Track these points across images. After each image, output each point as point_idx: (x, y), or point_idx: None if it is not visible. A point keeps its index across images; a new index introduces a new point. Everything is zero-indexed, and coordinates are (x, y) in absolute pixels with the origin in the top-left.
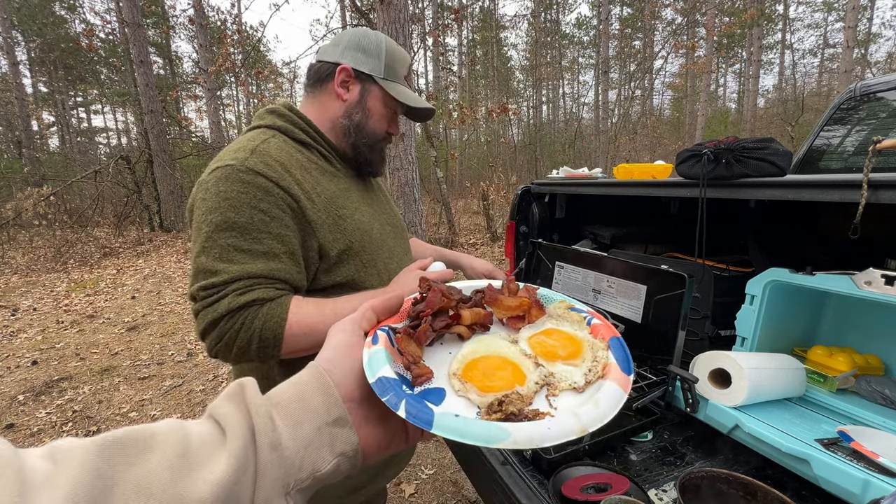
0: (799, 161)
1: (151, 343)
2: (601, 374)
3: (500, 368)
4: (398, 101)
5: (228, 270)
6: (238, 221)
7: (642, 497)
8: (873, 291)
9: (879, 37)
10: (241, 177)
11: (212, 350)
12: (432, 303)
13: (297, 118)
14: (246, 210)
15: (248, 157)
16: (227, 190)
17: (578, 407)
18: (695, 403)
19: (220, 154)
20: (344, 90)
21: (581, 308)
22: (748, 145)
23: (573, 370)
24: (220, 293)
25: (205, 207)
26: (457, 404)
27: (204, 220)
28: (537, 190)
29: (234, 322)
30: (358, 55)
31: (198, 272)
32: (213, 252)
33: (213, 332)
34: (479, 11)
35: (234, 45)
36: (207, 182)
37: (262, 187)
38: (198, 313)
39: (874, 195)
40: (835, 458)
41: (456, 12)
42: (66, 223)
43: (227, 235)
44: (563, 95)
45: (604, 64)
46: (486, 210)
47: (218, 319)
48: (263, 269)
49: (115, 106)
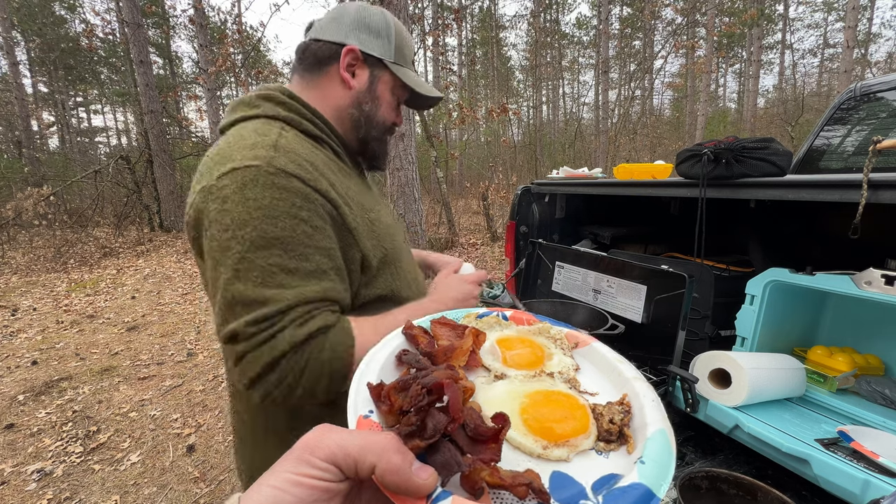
0: (799, 161)
1: (151, 343)
2: (574, 344)
3: (549, 406)
4: (408, 88)
5: (282, 297)
6: (279, 235)
7: None
8: (873, 291)
9: (879, 37)
10: (273, 180)
11: (268, 397)
12: (456, 403)
13: (302, 107)
14: (286, 220)
15: (273, 154)
16: (259, 197)
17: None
18: (695, 403)
19: (221, 152)
20: (350, 75)
21: (485, 311)
22: (748, 145)
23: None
24: (277, 326)
25: (228, 220)
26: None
27: (232, 236)
28: (537, 190)
29: (300, 358)
30: (365, 36)
31: (234, 303)
32: (253, 276)
33: (273, 376)
34: (479, 11)
35: (234, 45)
36: (224, 188)
37: (300, 192)
38: (244, 355)
39: (874, 195)
40: (835, 458)
41: (456, 12)
42: (66, 223)
43: (267, 254)
44: (563, 95)
45: (604, 64)
46: (486, 210)
47: (279, 358)
48: (318, 292)
49: (115, 106)
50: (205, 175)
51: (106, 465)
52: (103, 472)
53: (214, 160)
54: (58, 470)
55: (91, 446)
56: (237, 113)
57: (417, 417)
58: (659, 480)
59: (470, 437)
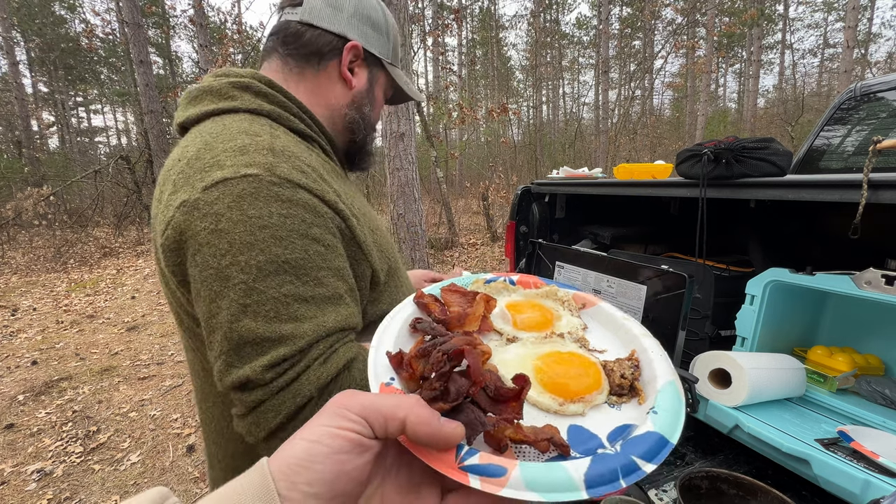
0: (799, 161)
1: (151, 343)
2: (581, 305)
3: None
4: (397, 92)
5: (300, 332)
6: (290, 259)
7: (642, 497)
8: (873, 291)
9: (879, 37)
10: (278, 192)
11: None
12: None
13: (287, 100)
14: (297, 241)
15: (273, 160)
16: (263, 214)
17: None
18: (695, 403)
19: (200, 155)
20: (351, 74)
21: (493, 277)
22: (748, 145)
23: (568, 319)
24: (298, 367)
25: (226, 244)
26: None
27: (232, 262)
28: (537, 190)
29: (324, 400)
30: (368, 30)
31: (244, 344)
32: (265, 310)
33: (296, 424)
34: (479, 11)
35: (234, 45)
36: (216, 203)
37: (309, 205)
38: (261, 404)
39: (874, 195)
40: (835, 458)
41: (456, 12)
42: (66, 223)
43: (279, 281)
44: (563, 95)
45: (604, 64)
46: (486, 210)
47: (304, 405)
48: (338, 321)
49: (115, 106)
50: (182, 186)
51: (106, 465)
52: (103, 472)
53: (194, 166)
54: (58, 470)
55: (91, 446)
56: (203, 105)
57: (440, 383)
58: (672, 428)
59: (491, 398)
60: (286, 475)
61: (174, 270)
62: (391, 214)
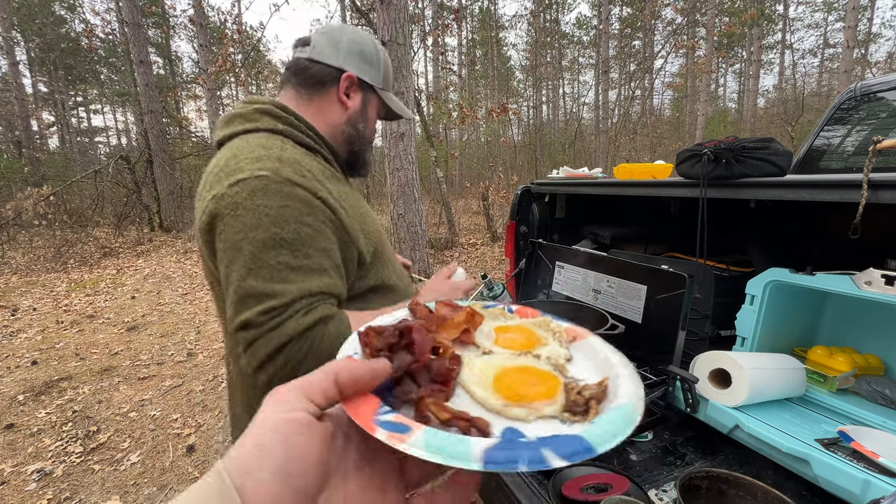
0: (799, 161)
1: (151, 343)
2: (572, 339)
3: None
4: (391, 110)
5: (287, 291)
6: (285, 238)
7: (642, 497)
8: (873, 291)
9: (879, 37)
10: (281, 189)
11: (272, 377)
12: (422, 346)
13: (297, 120)
14: (292, 225)
15: (278, 166)
16: (268, 204)
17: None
18: (695, 403)
19: (229, 163)
20: (347, 98)
21: (491, 304)
22: (748, 145)
23: (552, 347)
24: (285, 315)
25: (240, 224)
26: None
27: (244, 237)
28: (537, 190)
29: (303, 344)
30: (361, 65)
31: (247, 297)
32: (264, 273)
33: (279, 359)
34: (479, 11)
35: (234, 45)
36: (234, 195)
37: (304, 200)
38: (255, 340)
39: (874, 195)
40: (835, 458)
41: (456, 12)
42: (66, 223)
43: (276, 254)
44: (563, 95)
45: (604, 64)
46: (486, 210)
47: (285, 343)
48: (319, 286)
49: (115, 106)
50: (215, 185)
51: (106, 465)
52: (103, 472)
53: (224, 171)
54: (58, 470)
55: (91, 446)
56: (234, 126)
57: (389, 355)
58: (601, 439)
59: (432, 378)
60: (240, 469)
61: (209, 246)
62: (391, 214)
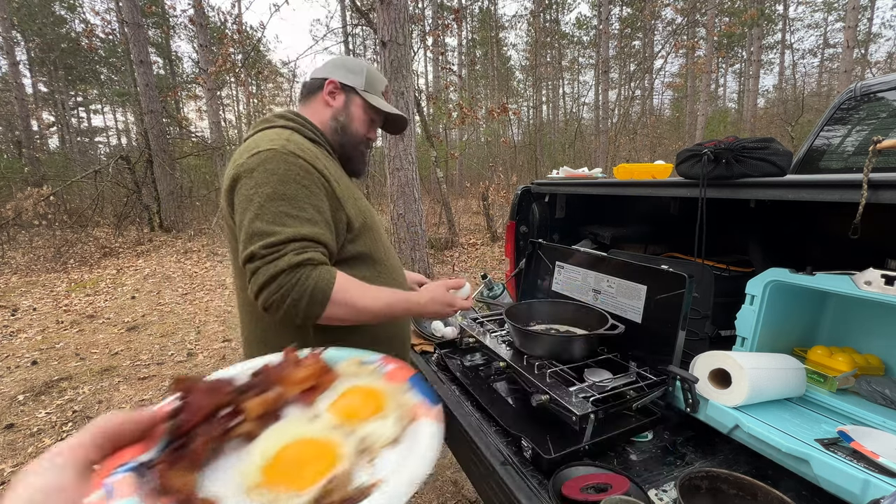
0: (799, 161)
1: (151, 343)
2: (412, 417)
3: (310, 455)
4: (375, 108)
5: (284, 232)
6: (286, 193)
7: (642, 497)
8: (873, 291)
9: (879, 37)
10: (286, 158)
11: (266, 302)
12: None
13: (304, 121)
14: (292, 184)
15: (285, 143)
16: (275, 168)
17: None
18: (695, 403)
19: (249, 145)
20: (331, 98)
21: (371, 358)
22: (748, 145)
23: (384, 424)
24: (281, 251)
25: (253, 182)
26: None
27: (255, 192)
28: (537, 190)
29: (292, 277)
30: (343, 72)
31: (253, 235)
32: (267, 217)
33: (273, 285)
34: (479, 11)
35: (234, 45)
36: (251, 162)
37: (303, 167)
38: (257, 270)
39: (874, 195)
40: (835, 458)
41: (456, 12)
42: (66, 223)
43: (277, 204)
44: (563, 95)
45: (604, 64)
46: (486, 210)
47: (278, 273)
48: (310, 233)
49: (115, 106)
50: (237, 158)
51: None
52: None
53: (246, 149)
54: None
55: None
56: (258, 126)
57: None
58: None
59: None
60: None
61: (230, 203)
62: (391, 214)
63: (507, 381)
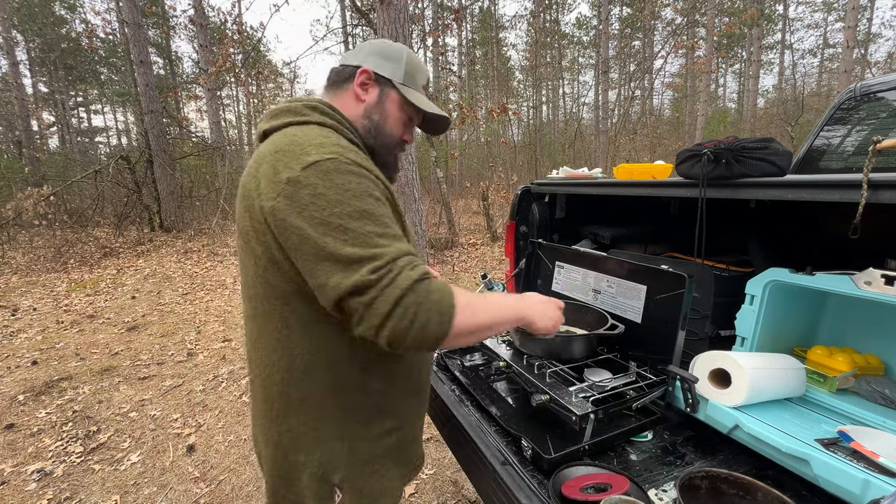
0: (799, 161)
1: (151, 343)
2: None
3: None
4: (414, 106)
5: (387, 252)
6: (367, 210)
7: (642, 497)
8: (873, 291)
9: (879, 37)
10: (352, 169)
11: (394, 333)
12: None
13: (341, 117)
14: (367, 199)
15: (342, 150)
16: (345, 182)
17: None
18: (695, 403)
19: (291, 149)
20: (363, 91)
21: None
22: (748, 145)
23: None
24: (395, 270)
25: (324, 202)
26: None
27: (331, 213)
28: (537, 190)
29: (417, 295)
30: (379, 60)
31: (351, 263)
32: (360, 241)
33: (398, 310)
34: (479, 11)
35: (234, 45)
36: (309, 177)
37: (370, 178)
38: (374, 300)
39: (874, 195)
40: (835, 458)
41: (456, 12)
42: (66, 223)
43: (362, 224)
44: (563, 95)
45: (604, 64)
46: (486, 210)
47: (402, 295)
48: (407, 248)
49: (115, 106)
50: (283, 168)
51: (106, 465)
52: (103, 472)
53: (288, 155)
54: (58, 470)
55: (91, 446)
56: (282, 119)
57: None
58: None
59: None
60: None
61: (278, 226)
62: None
63: (507, 381)
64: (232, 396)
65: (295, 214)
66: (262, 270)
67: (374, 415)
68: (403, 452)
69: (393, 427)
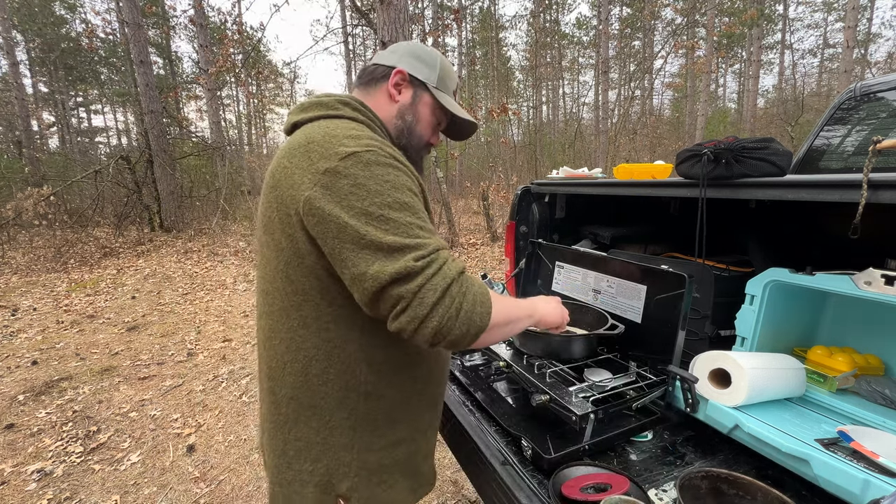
0: (799, 161)
1: (151, 343)
2: None
3: None
4: (445, 110)
5: (429, 242)
6: (405, 202)
7: (642, 497)
8: (873, 291)
9: (879, 37)
10: (391, 162)
11: (441, 323)
12: None
13: (372, 115)
14: (406, 192)
15: (378, 144)
16: (384, 174)
17: None
18: (695, 403)
19: (326, 140)
20: (396, 91)
21: None
22: (748, 145)
23: None
24: (440, 259)
25: (364, 192)
26: None
27: (371, 203)
28: (537, 190)
29: (461, 286)
30: (414, 62)
31: (394, 250)
32: (401, 230)
33: (446, 300)
34: (479, 12)
35: (235, 45)
36: (351, 168)
37: (406, 172)
38: (422, 287)
39: (874, 195)
40: (835, 458)
41: (456, 12)
42: (66, 223)
43: (403, 214)
44: (563, 95)
45: (604, 64)
46: (486, 210)
47: (450, 284)
48: (442, 243)
49: (115, 106)
50: (319, 159)
51: (106, 465)
52: (103, 472)
53: (323, 146)
54: (58, 470)
55: (91, 446)
56: (313, 112)
57: None
58: None
59: None
60: None
61: (313, 216)
62: None
63: (507, 381)
64: (232, 396)
65: (334, 204)
66: (283, 265)
67: (387, 424)
68: (414, 465)
69: (404, 437)
